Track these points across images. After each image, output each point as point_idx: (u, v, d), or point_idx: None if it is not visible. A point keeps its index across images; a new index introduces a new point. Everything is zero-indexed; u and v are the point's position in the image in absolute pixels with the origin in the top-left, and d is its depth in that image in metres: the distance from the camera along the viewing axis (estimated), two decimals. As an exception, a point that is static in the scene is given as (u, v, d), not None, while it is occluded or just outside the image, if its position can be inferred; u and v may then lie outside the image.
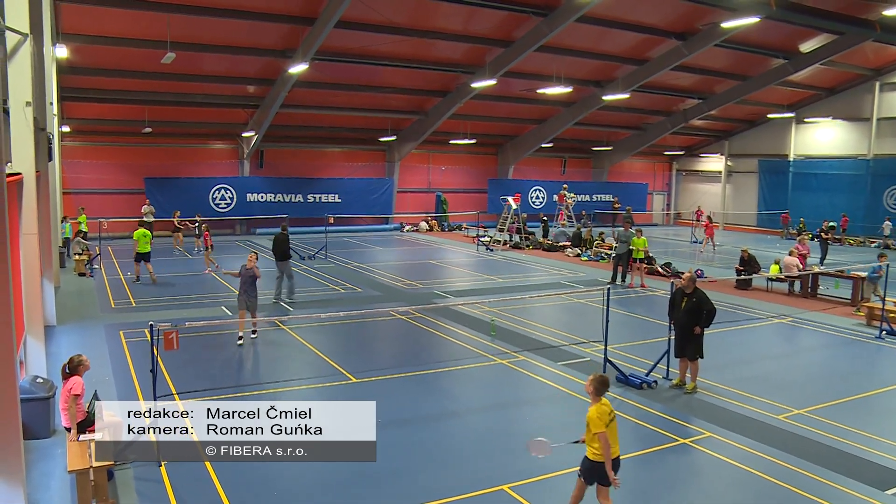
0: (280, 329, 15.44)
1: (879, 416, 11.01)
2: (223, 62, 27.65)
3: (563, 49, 29.19)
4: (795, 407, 11.19)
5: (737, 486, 8.57)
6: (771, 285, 22.33)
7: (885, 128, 37.87)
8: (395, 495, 8.03)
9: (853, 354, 14.91)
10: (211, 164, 35.63)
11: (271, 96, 30.11)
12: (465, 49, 29.04)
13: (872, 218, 37.87)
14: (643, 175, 49.75)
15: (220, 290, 20.29)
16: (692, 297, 11.63)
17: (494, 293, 20.61)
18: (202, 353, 13.90)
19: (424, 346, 15.10)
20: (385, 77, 31.09)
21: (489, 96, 33.46)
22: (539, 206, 43.29)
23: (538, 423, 10.53)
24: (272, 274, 19.40)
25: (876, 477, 8.74)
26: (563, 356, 13.96)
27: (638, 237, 22.47)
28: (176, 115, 32.08)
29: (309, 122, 35.34)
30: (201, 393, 11.14)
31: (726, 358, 14.04)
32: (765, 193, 44.60)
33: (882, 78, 37.51)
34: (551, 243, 32.03)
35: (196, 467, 8.65)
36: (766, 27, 27.82)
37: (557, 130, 38.91)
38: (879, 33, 29.00)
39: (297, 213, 35.38)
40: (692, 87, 36.74)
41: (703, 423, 10.43)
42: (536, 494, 8.10)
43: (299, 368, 13.09)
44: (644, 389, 11.92)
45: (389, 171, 39.90)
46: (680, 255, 31.12)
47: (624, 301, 20.05)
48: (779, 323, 17.72)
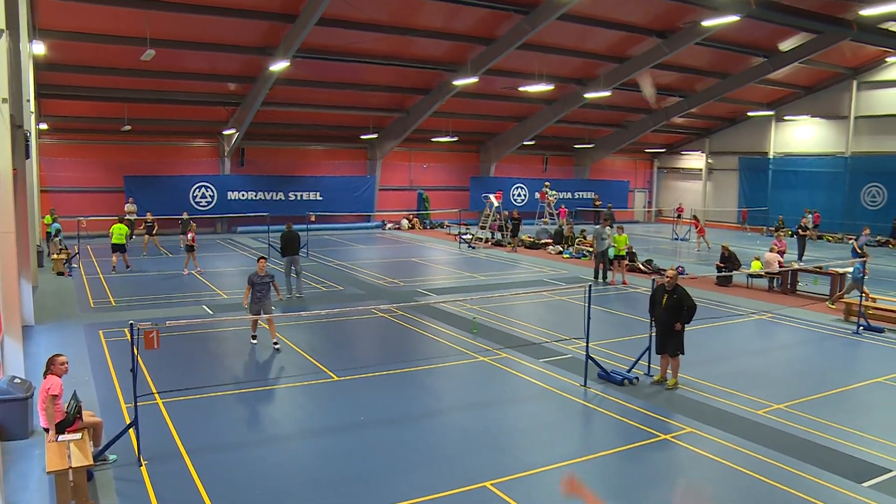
0: (261, 328, 15.33)
1: (856, 410, 11.13)
2: (203, 59, 27.45)
3: (545, 47, 29.25)
4: (775, 402, 11.29)
5: (718, 481, 8.62)
6: (751, 282, 22.52)
7: (863, 126, 38.28)
8: (378, 494, 8.01)
9: (831, 350, 15.06)
10: (191, 162, 35.39)
11: (252, 94, 29.94)
12: (446, 47, 29.02)
13: (850, 215, 38.27)
14: (625, 173, 49.99)
15: (202, 290, 20.16)
16: (673, 294, 11.70)
17: (476, 291, 20.62)
18: (183, 352, 13.82)
19: (406, 343, 15.08)
20: (367, 75, 31.01)
21: (471, 94, 33.48)
22: (521, 203, 43.35)
23: (520, 421, 10.54)
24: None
25: (853, 470, 8.83)
26: (545, 353, 13.99)
27: (619, 234, 22.59)
28: (156, 113, 31.82)
29: (290, 120, 35.20)
30: (182, 392, 11.07)
31: (707, 354, 14.14)
32: (745, 191, 44.97)
33: (859, 77, 37.91)
34: (522, 242, 31.97)
35: (177, 466, 8.63)
36: (745, 26, 28.02)
37: (539, 128, 39.00)
38: (856, 32, 29.23)
39: (278, 211, 35.23)
40: (673, 84, 36.93)
41: (684, 419, 10.50)
42: (519, 491, 8.11)
43: (281, 367, 13.03)
44: (625, 386, 11.98)
45: (371, 168, 39.83)
46: (661, 252, 31.30)
47: (605, 298, 20.15)
48: (759, 319, 17.86)
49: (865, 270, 18.47)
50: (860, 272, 18.17)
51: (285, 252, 19.25)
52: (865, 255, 19.38)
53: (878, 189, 37.70)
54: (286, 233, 19.54)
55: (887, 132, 37.12)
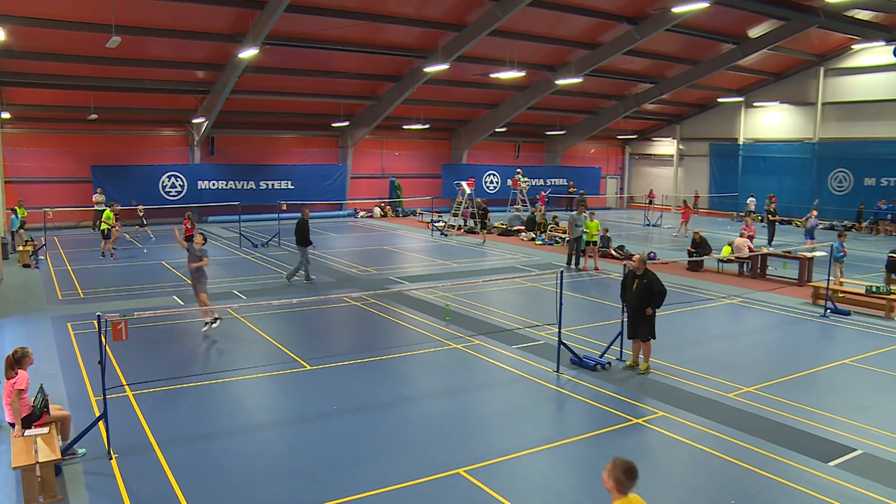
0: (232, 317, 15.22)
1: (823, 392, 11.30)
2: (171, 47, 26.98)
3: (516, 33, 29.19)
4: (745, 385, 11.42)
5: (689, 464, 8.71)
6: (722, 266, 22.75)
7: (830, 112, 38.75)
8: (351, 482, 7.98)
9: (800, 333, 15.26)
10: (160, 152, 34.87)
11: (221, 82, 29.54)
12: (417, 33, 28.84)
13: (819, 200, 38.74)
14: (597, 159, 50.18)
15: (173, 280, 19.93)
16: (643, 279, 11.78)
17: (449, 278, 20.60)
18: (154, 343, 13.66)
19: (379, 331, 15.04)
20: (337, 62, 30.74)
21: (442, 81, 33.35)
22: (493, 190, 43.38)
23: (493, 407, 10.56)
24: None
25: (820, 449, 8.97)
26: (518, 339, 14.03)
27: (591, 220, 22.69)
28: (123, 102, 31.28)
29: (260, 108, 34.82)
30: (152, 384, 10.95)
31: (678, 338, 14.26)
32: (716, 176, 45.38)
33: (826, 64, 38.34)
34: (494, 229, 32.04)
35: (148, 459, 8.54)
36: (715, 12, 28.14)
37: (511, 115, 38.98)
38: (823, 20, 29.66)
39: (249, 200, 34.96)
40: (644, 71, 37.08)
41: (656, 403, 10.58)
42: (491, 477, 8.13)
43: (252, 357, 12.93)
44: (598, 371, 12.05)
45: (342, 156, 39.56)
46: (633, 237, 31.51)
47: (578, 284, 20.24)
48: (729, 303, 18.05)
49: (845, 249, 18.83)
50: (840, 251, 18.53)
51: (295, 240, 20.13)
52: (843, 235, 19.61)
53: (845, 174, 38.22)
54: (298, 220, 20.63)
55: (853, 118, 37.62)
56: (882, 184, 36.55)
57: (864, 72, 36.85)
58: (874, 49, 35.42)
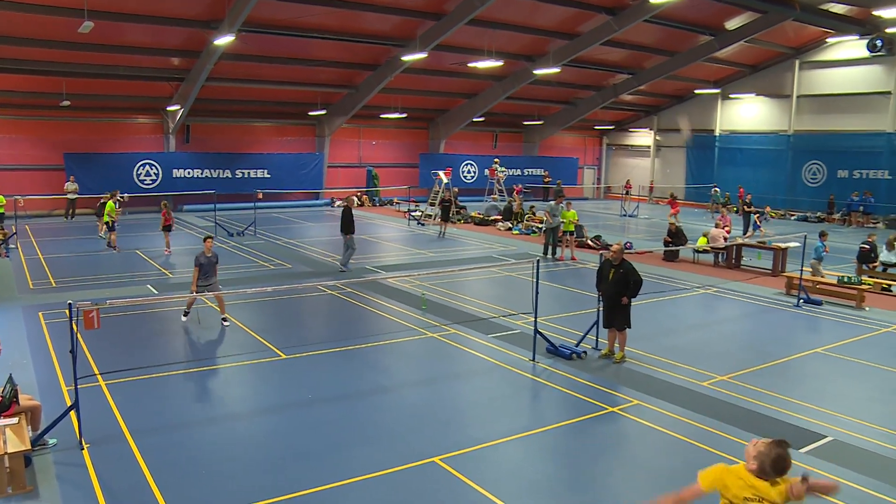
0: (206, 306, 15.08)
1: (795, 380, 11.43)
2: (145, 33, 26.57)
3: (494, 22, 29.12)
4: (719, 373, 11.52)
5: (663, 451, 8.77)
6: (697, 257, 22.93)
7: (805, 105, 39.12)
8: (326, 471, 7.94)
9: (773, 322, 15.41)
10: (135, 139, 34.43)
11: (197, 69, 29.18)
12: (395, 22, 28.67)
13: (793, 192, 39.19)
14: (574, 149, 50.28)
15: (147, 269, 19.72)
16: (619, 269, 11.82)
17: (425, 267, 20.55)
18: (127, 332, 13.51)
19: (355, 320, 14.99)
20: (314, 50, 30.48)
21: (420, 70, 33.22)
22: (470, 180, 43.37)
23: (469, 396, 10.57)
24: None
25: (791, 437, 9.02)
26: (494, 328, 14.04)
27: (567, 210, 22.75)
28: (96, 88, 30.84)
29: (236, 96, 34.48)
30: (126, 373, 10.82)
31: (654, 328, 14.35)
32: (692, 167, 45.68)
33: (801, 56, 38.66)
34: (465, 218, 32.01)
35: (121, 449, 8.43)
36: (693, 4, 28.27)
37: (489, 105, 38.92)
38: (799, 13, 29.92)
39: (225, 188, 34.64)
40: (622, 62, 37.17)
41: (631, 392, 10.64)
42: (467, 465, 8.13)
43: (227, 346, 12.84)
44: (574, 360, 12.09)
45: (319, 145, 39.32)
46: (610, 228, 31.65)
47: (554, 274, 20.30)
48: (704, 293, 18.19)
49: (826, 249, 19.08)
50: (822, 251, 18.80)
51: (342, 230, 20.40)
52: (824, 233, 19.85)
53: (819, 167, 38.63)
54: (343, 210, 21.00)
55: (827, 111, 38.01)
56: (854, 176, 37.00)
57: (839, 65, 37.22)
58: (848, 43, 35.79)
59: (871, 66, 35.77)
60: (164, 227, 22.38)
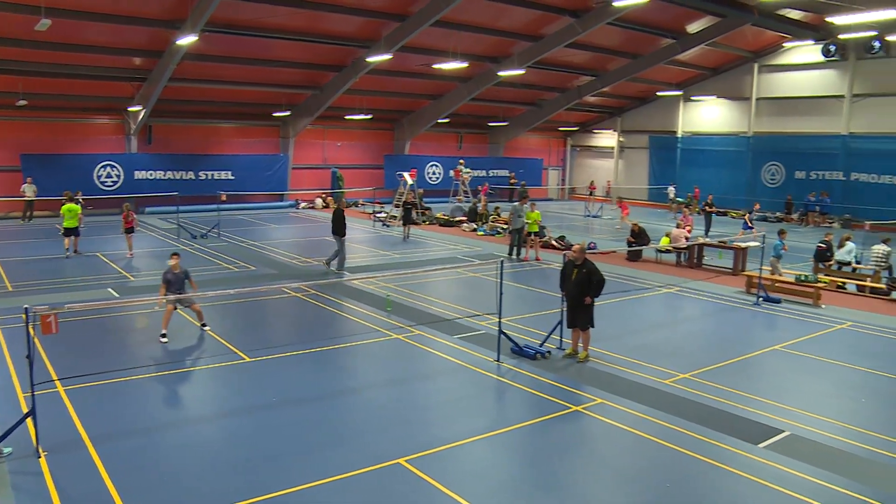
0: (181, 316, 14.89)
1: (754, 377, 11.64)
2: (105, 32, 26.13)
3: (460, 24, 29.20)
4: (681, 372, 11.68)
5: (627, 450, 8.87)
6: (660, 256, 23.20)
7: (763, 107, 39.84)
8: (290, 473, 7.90)
9: (733, 320, 15.68)
10: (95, 140, 33.84)
11: (159, 69, 28.80)
12: (360, 23, 28.60)
13: (752, 192, 39.83)
14: (539, 150, 50.57)
15: (108, 273, 19.41)
16: (582, 269, 11.92)
17: (390, 268, 20.52)
18: (87, 337, 13.29)
19: (320, 322, 14.93)
20: (279, 51, 30.28)
21: (385, 71, 33.16)
22: (436, 181, 43.40)
23: (434, 397, 10.59)
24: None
25: (751, 432, 9.25)
26: (459, 329, 14.07)
27: (532, 211, 22.89)
28: (55, 88, 30.26)
29: (200, 97, 34.10)
30: (85, 378, 10.64)
31: (617, 327, 14.50)
32: (655, 168, 46.23)
33: (760, 60, 39.38)
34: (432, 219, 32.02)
35: (80, 456, 8.29)
36: (655, 7, 28.57)
37: (454, 106, 39.00)
38: (757, 18, 30.51)
39: (188, 190, 34.17)
40: (586, 64, 37.50)
41: (595, 391, 10.74)
42: (432, 466, 8.14)
43: (190, 349, 12.70)
44: (538, 360, 12.16)
45: (284, 147, 39.05)
46: (574, 228, 31.90)
47: (519, 274, 20.40)
48: (667, 292, 18.43)
49: (785, 247, 19.47)
50: (781, 249, 19.18)
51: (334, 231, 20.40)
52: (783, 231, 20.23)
53: (777, 167, 39.36)
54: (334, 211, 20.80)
55: (785, 114, 38.76)
56: (811, 177, 37.76)
57: (795, 69, 37.99)
58: (805, 47, 36.62)
59: (826, 70, 36.58)
60: (127, 229, 22.01)
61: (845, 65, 35.58)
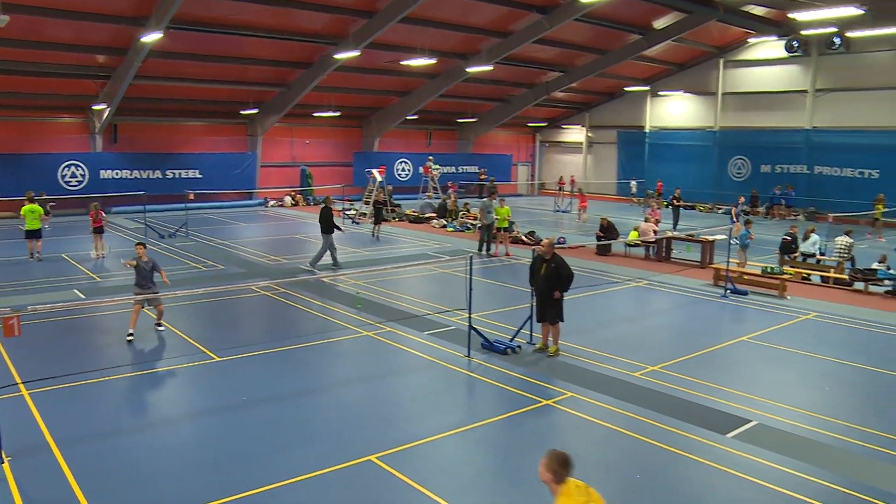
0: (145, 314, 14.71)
1: (722, 368, 11.79)
2: (67, 28, 25.65)
3: (428, 21, 29.12)
4: (650, 364, 11.79)
5: (598, 442, 8.94)
6: (629, 251, 23.39)
7: (729, 102, 40.28)
8: (262, 473, 7.84)
9: (702, 313, 15.87)
10: (59, 140, 33.21)
11: (124, 67, 28.35)
12: (327, 19, 28.42)
13: (719, 186, 40.31)
14: (508, 146, 50.68)
15: (74, 274, 19.11)
16: (551, 263, 11.97)
17: (360, 266, 20.46)
18: (53, 339, 13.08)
19: (290, 321, 14.84)
20: (246, 48, 29.97)
21: (353, 68, 33.00)
22: (405, 178, 43.33)
23: (405, 393, 10.58)
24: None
25: (719, 422, 9.37)
26: (429, 325, 14.08)
27: (501, 207, 22.96)
28: (15, 86, 29.62)
29: (166, 95, 33.63)
30: (51, 381, 10.46)
31: (587, 321, 14.59)
32: (623, 163, 46.56)
33: (725, 55, 39.79)
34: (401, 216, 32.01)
35: (46, 460, 8.14)
36: (622, 3, 28.81)
37: (422, 102, 38.92)
38: (721, 14, 30.88)
39: (155, 189, 33.73)
40: (554, 60, 37.61)
41: (566, 384, 10.81)
42: (403, 462, 8.14)
43: (159, 350, 12.57)
44: (508, 354, 12.21)
45: (252, 145, 38.70)
46: (544, 223, 32.04)
47: (489, 270, 20.44)
48: (636, 286, 18.58)
49: (751, 236, 19.77)
50: (747, 238, 19.46)
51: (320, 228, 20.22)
52: (737, 223, 20.54)
53: (743, 161, 39.85)
54: (321, 209, 20.70)
55: (751, 108, 39.21)
56: (777, 170, 38.28)
57: (760, 64, 38.45)
58: (768, 43, 37.04)
59: (790, 65, 37.06)
60: (95, 229, 21.65)
61: (808, 60, 36.12)
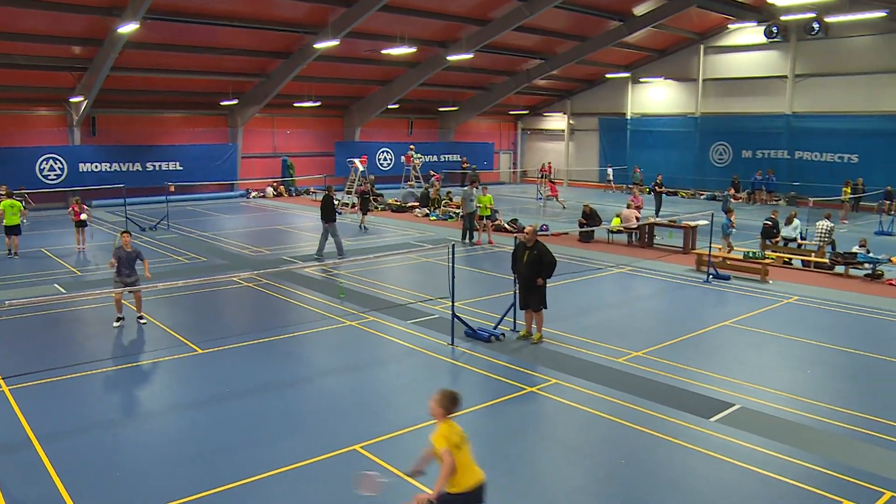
0: (126, 307, 14.58)
1: (706, 353, 11.84)
2: (41, 19, 25.25)
3: (407, 9, 28.97)
4: (634, 349, 11.83)
5: (583, 428, 8.95)
6: (612, 237, 23.44)
7: (710, 88, 40.40)
8: (246, 465, 7.80)
9: (685, 298, 15.94)
10: (36, 133, 32.77)
11: (100, 58, 27.99)
12: (306, 8, 28.19)
13: (701, 172, 40.50)
14: (489, 134, 50.63)
15: (54, 268, 18.91)
16: (533, 250, 11.96)
17: (344, 256, 20.39)
18: (34, 334, 12.94)
19: (272, 311, 14.77)
20: (224, 38, 29.66)
21: (333, 57, 32.80)
22: (387, 167, 43.21)
23: (389, 382, 10.56)
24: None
25: (702, 407, 9.41)
26: (412, 314, 14.06)
27: (483, 195, 22.94)
28: (-11, 78, 29.32)
29: (144, 86, 33.27)
30: (32, 376, 10.37)
31: (570, 308, 14.62)
32: (605, 150, 46.64)
33: (706, 42, 39.88)
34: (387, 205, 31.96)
35: (27, 456, 8.04)
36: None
37: (403, 91, 38.75)
38: (702, 0, 30.85)
39: (135, 182, 33.38)
40: (534, 47, 37.56)
41: (549, 371, 10.82)
42: (387, 451, 8.12)
43: (141, 343, 12.45)
44: (492, 342, 12.21)
45: (232, 136, 38.43)
46: (527, 211, 32.07)
47: (472, 258, 20.44)
48: (619, 272, 18.63)
49: (733, 224, 19.89)
50: (729, 227, 19.57)
51: (321, 216, 20.24)
52: (730, 210, 20.66)
53: (725, 147, 40.02)
54: (322, 196, 20.71)
55: (731, 94, 39.35)
56: (758, 156, 38.47)
57: (740, 50, 38.55)
58: (748, 29, 37.09)
59: (769, 51, 37.20)
60: (77, 222, 21.40)
61: (787, 46, 36.26)
